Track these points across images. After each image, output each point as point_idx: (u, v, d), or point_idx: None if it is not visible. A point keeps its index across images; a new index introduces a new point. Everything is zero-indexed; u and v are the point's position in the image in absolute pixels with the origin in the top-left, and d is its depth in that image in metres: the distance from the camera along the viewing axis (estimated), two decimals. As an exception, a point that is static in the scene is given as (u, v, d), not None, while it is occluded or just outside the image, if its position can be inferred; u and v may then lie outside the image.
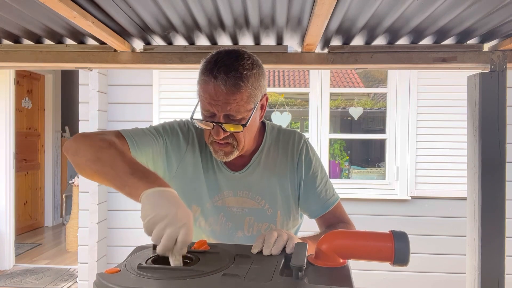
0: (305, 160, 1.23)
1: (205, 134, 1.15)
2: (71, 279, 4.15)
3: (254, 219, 1.21)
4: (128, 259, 0.92)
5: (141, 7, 1.33)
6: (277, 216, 1.22)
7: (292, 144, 1.25)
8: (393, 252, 0.87)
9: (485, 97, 1.62)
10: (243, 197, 1.21)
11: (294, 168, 1.23)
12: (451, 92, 3.50)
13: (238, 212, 1.21)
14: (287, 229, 1.23)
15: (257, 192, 1.21)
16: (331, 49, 1.67)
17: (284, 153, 1.24)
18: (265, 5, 1.30)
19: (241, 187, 1.21)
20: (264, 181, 1.22)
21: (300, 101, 4.55)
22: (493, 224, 1.61)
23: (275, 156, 1.24)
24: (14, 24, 1.48)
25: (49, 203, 6.27)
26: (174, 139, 1.20)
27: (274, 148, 1.24)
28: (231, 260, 0.90)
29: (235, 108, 1.04)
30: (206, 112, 1.08)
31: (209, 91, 1.04)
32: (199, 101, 1.10)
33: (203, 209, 1.22)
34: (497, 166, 1.61)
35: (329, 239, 0.93)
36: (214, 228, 1.23)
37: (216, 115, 1.06)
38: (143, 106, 3.71)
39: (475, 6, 1.28)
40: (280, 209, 1.22)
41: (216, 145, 1.12)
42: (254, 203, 1.21)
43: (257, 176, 1.22)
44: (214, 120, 1.06)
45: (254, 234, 1.21)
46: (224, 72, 1.02)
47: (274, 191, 1.22)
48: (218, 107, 1.05)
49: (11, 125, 4.63)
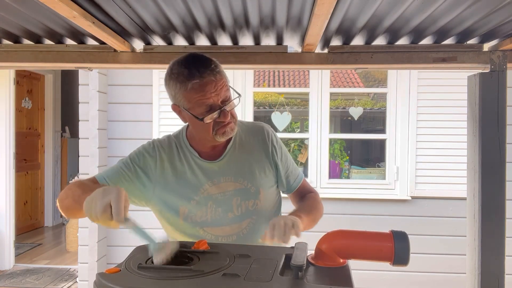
0: (277, 145, 1.45)
1: (208, 129, 1.27)
2: (71, 279, 4.15)
3: (240, 198, 1.35)
4: (128, 259, 0.92)
5: (141, 7, 1.33)
6: (260, 192, 1.37)
7: (262, 133, 1.45)
8: (393, 252, 0.87)
9: (485, 97, 1.62)
10: (226, 182, 1.35)
11: (269, 152, 1.42)
12: (451, 92, 3.50)
13: (225, 196, 1.34)
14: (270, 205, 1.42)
15: (239, 175, 1.36)
16: (331, 49, 1.67)
17: (257, 141, 1.43)
18: (265, 5, 1.30)
19: (222, 173, 1.35)
20: (242, 164, 1.38)
21: (300, 101, 4.55)
22: (493, 224, 1.61)
23: (250, 143, 1.42)
24: (14, 24, 1.48)
25: (49, 203, 6.26)
26: (142, 161, 1.36)
27: (246, 136, 1.43)
28: (231, 260, 0.90)
29: (225, 89, 1.26)
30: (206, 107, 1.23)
31: (203, 88, 1.21)
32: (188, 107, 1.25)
33: (190, 206, 1.34)
34: (497, 166, 1.61)
35: (329, 239, 0.93)
36: (205, 218, 1.33)
37: (215, 105, 1.23)
38: (143, 106, 3.71)
39: (475, 6, 1.28)
40: (261, 186, 1.38)
41: (222, 128, 1.28)
42: (238, 184, 1.35)
43: (235, 161, 1.38)
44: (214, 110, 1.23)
45: (243, 212, 1.35)
46: (205, 67, 1.22)
47: (254, 172, 1.38)
48: (217, 96, 1.23)
49: (11, 125, 4.63)
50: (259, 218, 1.36)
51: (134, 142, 3.73)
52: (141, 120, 3.72)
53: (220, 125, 1.27)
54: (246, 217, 1.34)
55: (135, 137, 3.73)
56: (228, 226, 1.33)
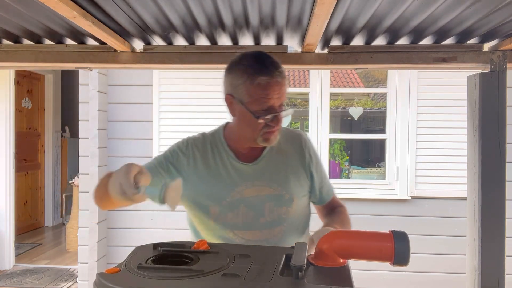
0: (313, 155, 1.41)
1: (256, 129, 1.24)
2: (71, 279, 4.15)
3: (273, 204, 1.31)
4: (128, 259, 0.92)
5: (141, 7, 1.33)
6: (293, 200, 1.34)
7: (300, 140, 1.41)
8: (393, 252, 0.87)
9: (485, 97, 1.62)
10: (260, 186, 1.32)
11: (305, 161, 1.38)
12: (451, 92, 3.50)
13: (257, 200, 1.31)
14: (302, 214, 1.39)
15: (273, 180, 1.33)
16: (331, 49, 1.67)
17: (294, 148, 1.39)
18: (265, 5, 1.30)
19: (257, 177, 1.32)
20: (278, 170, 1.35)
21: (300, 101, 4.55)
22: (493, 224, 1.61)
23: (286, 150, 1.38)
24: (14, 24, 1.48)
25: (49, 203, 6.26)
26: (175, 158, 1.34)
27: (283, 142, 1.37)
28: (231, 260, 0.90)
29: (284, 96, 1.24)
30: (265, 107, 1.21)
31: (269, 88, 1.19)
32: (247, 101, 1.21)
33: (221, 207, 1.31)
34: (497, 166, 1.61)
35: (329, 239, 0.93)
36: (236, 221, 1.30)
37: (273, 108, 1.21)
38: (143, 106, 3.71)
39: (475, 6, 1.28)
40: (295, 194, 1.34)
41: (269, 134, 1.26)
42: (271, 190, 1.32)
43: (271, 166, 1.35)
44: (270, 112, 1.21)
45: (275, 219, 1.32)
46: (275, 68, 1.21)
47: (288, 179, 1.35)
48: (278, 99, 1.21)
49: (11, 125, 4.63)
50: (290, 226, 1.34)
51: (134, 142, 3.74)
52: (141, 120, 3.72)
53: (269, 129, 1.24)
54: (278, 224, 1.31)
55: (135, 137, 3.73)
56: (259, 231, 1.30)
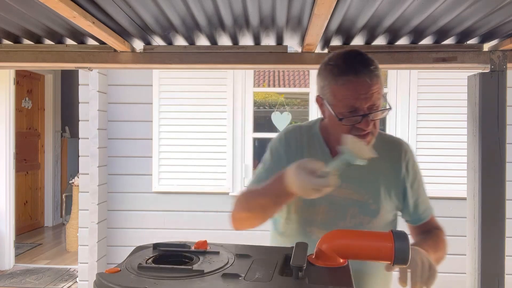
0: (411, 168, 1.32)
1: (344, 131, 1.18)
2: (71, 279, 4.15)
3: (358, 210, 1.26)
4: (128, 259, 0.92)
5: (141, 7, 1.33)
6: (379, 212, 1.27)
7: (399, 151, 1.33)
8: (393, 252, 0.87)
9: (485, 97, 1.62)
10: (348, 189, 1.26)
11: (400, 174, 1.31)
12: (451, 92, 3.50)
13: (342, 202, 1.26)
14: (385, 228, 1.28)
15: (362, 186, 1.27)
16: (331, 49, 1.67)
17: (391, 157, 1.32)
18: (265, 5, 1.30)
19: (347, 179, 1.24)
20: (369, 177, 1.28)
21: (300, 101, 4.54)
22: (493, 224, 1.61)
23: (383, 158, 1.28)
24: (14, 24, 1.48)
25: (49, 203, 6.27)
26: (276, 158, 1.32)
27: (381, 149, 1.27)
28: (231, 260, 0.90)
29: (376, 97, 1.15)
30: (350, 108, 1.15)
31: (353, 88, 1.13)
32: (332, 103, 1.18)
33: (305, 200, 1.24)
34: (497, 166, 1.61)
35: (329, 239, 0.93)
36: (315, 217, 1.27)
37: (360, 109, 1.14)
38: (143, 106, 3.71)
39: (475, 6, 1.28)
40: (382, 206, 1.28)
41: (358, 137, 1.17)
42: (359, 195, 1.26)
43: (363, 171, 1.25)
44: (357, 114, 1.15)
45: (356, 225, 1.26)
46: (363, 66, 1.14)
47: (378, 189, 1.28)
48: (365, 100, 1.13)
49: (11, 125, 4.63)
50: None
51: (134, 142, 3.74)
52: (141, 120, 3.72)
53: (358, 132, 1.16)
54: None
55: (135, 137, 3.74)
56: None
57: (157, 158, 3.73)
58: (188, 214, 3.74)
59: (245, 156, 3.78)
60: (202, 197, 3.75)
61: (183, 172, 3.76)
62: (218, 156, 3.76)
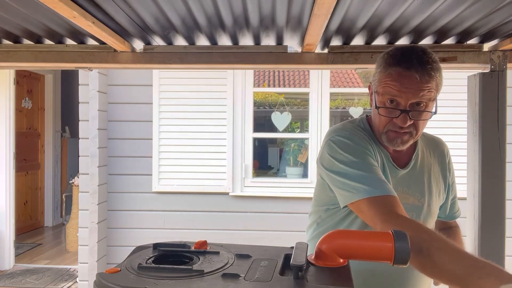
0: (452, 168, 1.35)
1: (381, 123, 1.17)
2: (71, 279, 4.15)
3: (415, 215, 1.23)
4: (128, 259, 0.92)
5: (141, 7, 1.33)
6: (431, 214, 1.26)
7: (442, 150, 1.35)
8: (393, 252, 0.87)
9: (485, 97, 1.62)
10: (403, 193, 1.23)
11: (446, 172, 1.32)
12: (451, 92, 3.49)
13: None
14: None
15: (416, 190, 1.25)
16: (331, 49, 1.67)
17: (436, 157, 1.33)
18: (265, 5, 1.30)
19: (402, 183, 1.23)
20: (423, 179, 1.27)
21: (300, 101, 4.55)
22: (493, 224, 1.61)
23: (430, 157, 1.30)
24: (14, 24, 1.48)
25: (49, 203, 6.26)
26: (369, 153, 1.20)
27: (426, 149, 1.30)
28: (231, 260, 0.90)
29: (425, 97, 1.11)
30: (390, 99, 1.13)
31: (401, 80, 1.10)
32: (376, 90, 1.16)
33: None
34: (497, 166, 1.61)
35: (329, 239, 0.93)
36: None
37: (401, 104, 1.11)
38: (143, 106, 3.71)
39: (475, 6, 1.28)
40: (433, 208, 1.27)
41: (394, 133, 1.16)
42: (414, 199, 1.24)
43: (417, 174, 1.26)
44: (397, 107, 1.12)
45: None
46: (418, 62, 1.10)
47: (431, 191, 1.27)
48: (409, 95, 1.10)
49: (11, 125, 4.63)
50: None
51: (134, 142, 3.74)
52: (141, 120, 3.72)
53: (394, 128, 1.14)
54: None
55: (135, 137, 3.74)
56: None
57: (157, 158, 3.73)
58: (188, 214, 3.75)
59: (245, 156, 3.78)
60: (202, 197, 3.75)
61: (183, 172, 3.76)
62: (218, 156, 3.76)
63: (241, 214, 3.68)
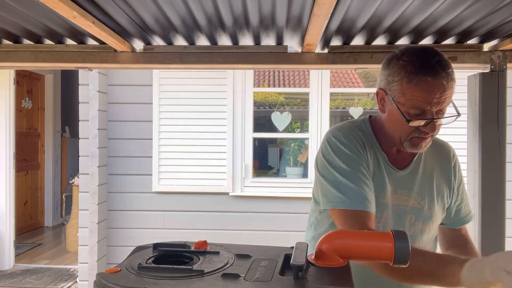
0: (458, 172, 1.31)
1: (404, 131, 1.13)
2: (71, 279, 4.15)
3: (415, 217, 1.23)
4: (128, 259, 0.92)
5: (141, 7, 1.33)
6: (432, 218, 1.24)
7: (448, 153, 1.32)
8: (393, 252, 0.87)
9: (485, 97, 1.62)
10: (403, 195, 1.22)
11: (451, 176, 1.29)
12: (451, 92, 3.50)
13: (400, 210, 1.22)
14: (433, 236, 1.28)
15: (417, 192, 1.24)
16: (331, 49, 1.67)
17: (441, 160, 1.29)
18: (265, 5, 1.30)
19: (402, 185, 1.22)
20: (424, 182, 1.25)
21: (300, 101, 4.55)
22: (493, 224, 1.61)
23: (433, 161, 1.28)
24: (14, 24, 1.48)
25: (49, 203, 6.27)
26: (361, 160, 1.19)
27: (431, 152, 1.27)
28: (231, 260, 0.90)
29: (447, 102, 1.10)
30: (419, 111, 1.09)
31: (428, 90, 1.06)
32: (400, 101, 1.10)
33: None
34: (497, 166, 1.61)
35: (329, 239, 0.93)
36: (377, 225, 1.20)
37: (428, 112, 1.09)
38: (143, 106, 3.71)
39: (475, 6, 1.28)
40: (435, 212, 1.25)
41: (419, 139, 1.13)
42: (414, 202, 1.23)
43: (418, 176, 1.24)
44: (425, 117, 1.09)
45: (414, 234, 1.22)
46: (442, 68, 1.06)
47: (432, 194, 1.25)
48: (437, 104, 1.08)
49: (11, 125, 4.63)
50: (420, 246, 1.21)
51: (134, 142, 3.74)
52: (141, 120, 3.72)
53: (420, 135, 1.12)
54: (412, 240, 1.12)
55: (135, 137, 3.74)
56: None
57: (157, 158, 3.73)
58: (188, 214, 3.75)
59: (245, 156, 3.78)
60: (202, 197, 3.75)
61: (183, 172, 3.76)
62: (218, 156, 3.76)
63: (241, 214, 3.68)
